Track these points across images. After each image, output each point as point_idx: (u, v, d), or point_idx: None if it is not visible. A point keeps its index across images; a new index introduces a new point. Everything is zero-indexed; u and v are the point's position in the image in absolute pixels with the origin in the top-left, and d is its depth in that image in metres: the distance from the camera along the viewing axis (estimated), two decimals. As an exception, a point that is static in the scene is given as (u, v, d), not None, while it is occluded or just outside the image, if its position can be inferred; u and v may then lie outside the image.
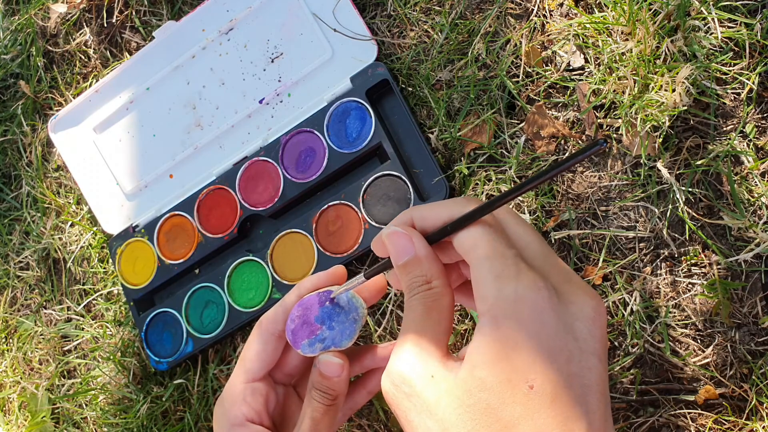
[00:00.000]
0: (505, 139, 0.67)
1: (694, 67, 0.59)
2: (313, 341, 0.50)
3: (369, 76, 0.71)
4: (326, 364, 0.50)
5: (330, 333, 0.50)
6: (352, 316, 0.50)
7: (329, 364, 0.50)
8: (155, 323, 0.78)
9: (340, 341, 0.50)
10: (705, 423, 0.59)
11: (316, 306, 0.50)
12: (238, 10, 0.77)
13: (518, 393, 0.34)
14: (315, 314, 0.50)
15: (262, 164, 0.76)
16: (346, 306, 0.50)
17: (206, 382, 0.76)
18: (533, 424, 0.34)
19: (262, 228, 0.77)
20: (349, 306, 0.50)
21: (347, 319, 0.50)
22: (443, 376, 0.36)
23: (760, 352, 0.58)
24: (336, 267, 0.54)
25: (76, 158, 0.85)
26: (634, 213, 0.63)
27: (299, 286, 0.53)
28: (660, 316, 0.61)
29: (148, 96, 0.82)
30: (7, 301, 0.91)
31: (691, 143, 0.61)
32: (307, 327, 0.50)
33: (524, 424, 0.34)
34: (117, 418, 0.79)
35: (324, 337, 0.50)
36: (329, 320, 0.50)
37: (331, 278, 0.53)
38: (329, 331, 0.50)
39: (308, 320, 0.50)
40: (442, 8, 0.71)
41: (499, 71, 0.67)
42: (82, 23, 0.89)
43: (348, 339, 0.50)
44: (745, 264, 0.59)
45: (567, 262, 0.64)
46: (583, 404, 0.34)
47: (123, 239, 0.81)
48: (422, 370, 0.37)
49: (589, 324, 0.36)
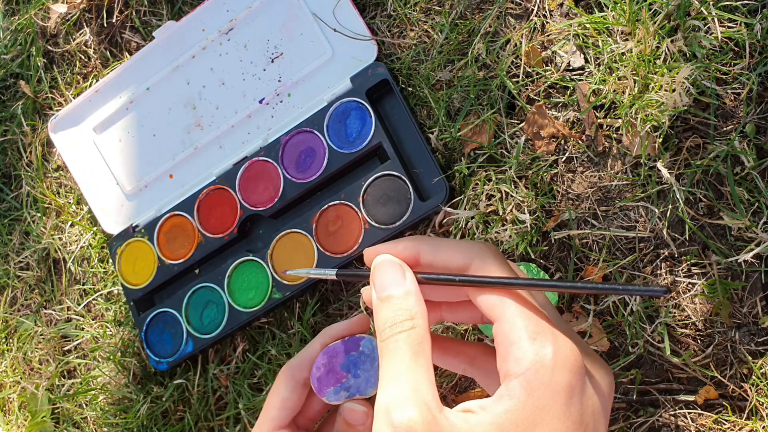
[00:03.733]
0: (505, 139, 0.67)
1: (694, 67, 0.59)
2: (338, 389, 0.51)
3: (369, 76, 0.71)
4: (351, 412, 0.50)
5: (356, 381, 0.50)
6: (377, 364, 0.50)
7: (354, 412, 0.50)
8: (155, 323, 0.78)
9: (366, 389, 0.50)
10: (705, 423, 0.59)
11: (341, 354, 0.51)
12: (238, 10, 0.77)
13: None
14: (341, 362, 0.51)
15: (262, 164, 0.76)
16: (371, 354, 0.51)
17: (206, 382, 0.76)
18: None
19: (262, 228, 0.77)
20: (375, 354, 0.51)
21: (372, 367, 0.50)
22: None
23: (760, 352, 0.58)
24: (360, 315, 0.54)
25: (76, 158, 0.85)
26: (634, 213, 0.63)
27: (323, 334, 0.54)
28: (660, 316, 0.61)
29: (148, 96, 0.82)
30: (7, 301, 0.91)
31: (691, 143, 0.61)
32: (333, 375, 0.51)
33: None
34: (117, 418, 0.79)
35: (349, 385, 0.50)
36: (355, 368, 0.50)
37: (356, 326, 0.54)
38: (355, 379, 0.50)
39: (334, 368, 0.51)
40: (442, 8, 0.71)
41: (499, 71, 0.67)
42: (82, 23, 0.89)
43: (373, 387, 0.50)
44: (745, 264, 0.59)
45: (567, 262, 0.64)
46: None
47: (123, 239, 0.81)
48: (432, 423, 0.34)
49: (604, 401, 0.36)
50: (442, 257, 0.39)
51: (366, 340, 0.51)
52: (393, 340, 0.37)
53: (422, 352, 0.37)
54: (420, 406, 0.34)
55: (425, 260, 0.40)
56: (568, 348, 0.35)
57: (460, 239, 0.41)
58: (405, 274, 0.39)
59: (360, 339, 0.51)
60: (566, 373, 0.34)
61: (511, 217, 0.65)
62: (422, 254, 0.40)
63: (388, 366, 0.37)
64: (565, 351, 0.34)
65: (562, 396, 0.34)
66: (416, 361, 0.36)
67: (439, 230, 0.69)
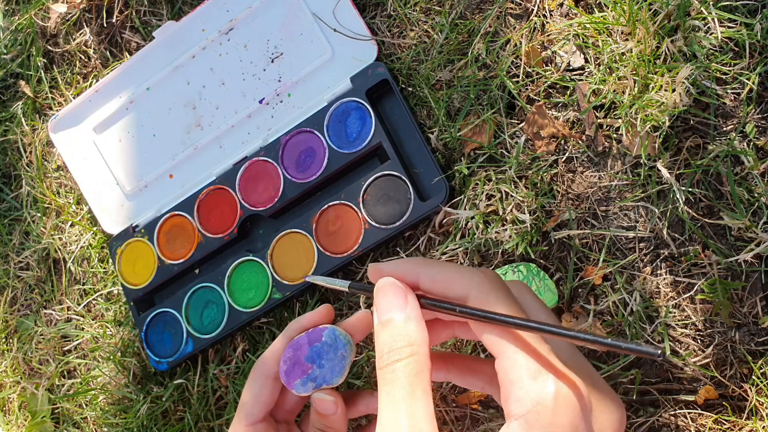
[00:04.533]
0: (505, 139, 0.67)
1: (694, 67, 0.59)
2: (305, 380, 0.53)
3: (369, 76, 0.71)
4: (320, 402, 0.52)
5: (321, 371, 0.52)
6: (341, 353, 0.52)
7: (323, 402, 0.51)
8: (155, 323, 0.78)
9: (331, 378, 0.52)
10: (705, 423, 0.59)
11: (305, 346, 0.53)
12: (238, 10, 0.77)
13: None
14: (305, 354, 0.53)
15: (262, 164, 0.76)
16: (334, 343, 0.52)
17: (206, 382, 0.76)
18: None
19: (262, 228, 0.77)
20: (337, 343, 0.52)
21: (336, 356, 0.52)
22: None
23: (760, 352, 0.58)
24: (323, 306, 0.56)
25: (76, 158, 0.85)
26: (634, 213, 0.63)
27: (289, 328, 0.55)
28: (660, 316, 0.61)
29: (148, 96, 0.82)
30: (7, 301, 0.91)
31: (691, 143, 0.61)
32: (299, 367, 0.53)
33: None
34: (117, 418, 0.79)
35: (315, 375, 0.52)
36: (319, 359, 0.52)
37: (319, 317, 0.55)
38: (320, 369, 0.52)
39: (299, 360, 0.53)
40: (442, 8, 0.71)
41: (499, 71, 0.67)
42: (82, 23, 0.89)
43: (338, 375, 0.52)
44: (745, 264, 0.58)
45: (567, 262, 0.64)
46: None
47: (123, 239, 0.81)
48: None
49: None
50: (440, 286, 0.38)
51: (328, 330, 0.52)
52: (390, 370, 0.37)
53: (420, 383, 0.36)
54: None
55: (424, 286, 0.39)
56: (571, 387, 0.34)
57: (461, 265, 0.40)
58: (407, 298, 0.38)
59: (322, 330, 0.53)
60: (569, 412, 0.33)
61: (511, 217, 0.65)
62: (421, 279, 0.39)
63: (386, 398, 0.36)
64: (568, 390, 0.33)
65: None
66: (413, 394, 0.36)
67: (439, 230, 0.69)
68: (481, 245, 0.66)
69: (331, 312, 0.56)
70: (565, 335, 0.33)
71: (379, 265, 0.41)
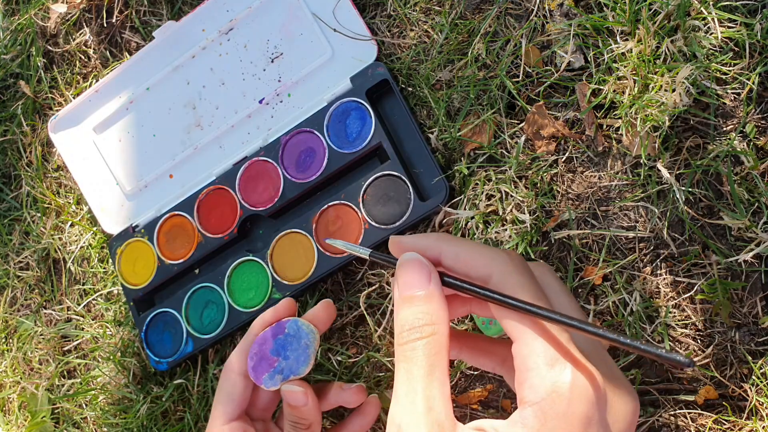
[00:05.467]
0: (505, 139, 0.67)
1: (694, 67, 0.59)
2: (272, 374, 0.53)
3: (369, 76, 0.71)
4: (290, 393, 0.52)
5: (287, 363, 0.53)
6: (304, 342, 0.53)
7: (293, 393, 0.52)
8: (155, 323, 0.78)
9: (297, 368, 0.53)
10: (705, 423, 0.59)
11: (269, 340, 0.54)
12: (238, 10, 0.77)
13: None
14: (270, 348, 0.53)
15: (262, 164, 0.76)
16: (297, 334, 0.53)
17: (206, 382, 0.76)
18: None
19: (262, 228, 0.77)
20: (300, 333, 0.53)
21: (300, 346, 0.53)
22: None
23: (760, 352, 0.58)
24: (285, 300, 0.56)
25: (76, 158, 0.85)
26: (634, 213, 0.63)
27: (253, 326, 0.55)
28: (660, 316, 0.61)
29: (148, 96, 0.82)
30: (7, 301, 0.91)
31: (691, 143, 0.61)
32: (265, 361, 0.53)
33: None
34: (117, 418, 0.79)
35: (282, 367, 0.53)
36: (284, 350, 0.53)
37: (281, 312, 0.55)
38: (285, 361, 0.53)
39: (265, 355, 0.53)
40: (442, 8, 0.71)
41: (499, 71, 0.67)
42: (82, 23, 0.89)
43: (304, 365, 0.53)
44: (745, 264, 0.58)
45: (567, 262, 0.64)
46: None
47: (123, 239, 0.81)
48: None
49: (625, 427, 0.35)
50: (463, 264, 0.38)
51: (290, 322, 0.53)
52: (411, 347, 0.36)
53: (439, 363, 0.36)
54: (432, 427, 0.34)
55: (446, 263, 0.38)
56: (587, 376, 0.33)
57: (485, 245, 0.39)
58: (431, 276, 0.37)
59: (285, 322, 0.53)
60: (584, 403, 0.33)
61: (511, 217, 0.65)
62: (443, 257, 0.38)
63: (404, 376, 0.36)
64: (584, 380, 0.33)
65: (578, 427, 0.33)
66: (432, 374, 0.35)
67: (439, 230, 0.69)
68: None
69: (293, 305, 0.56)
70: (589, 332, 0.33)
71: (401, 238, 0.40)
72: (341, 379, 0.70)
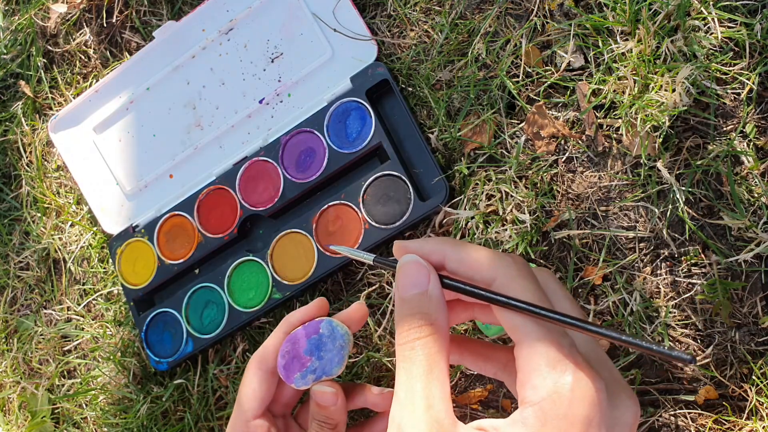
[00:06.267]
0: (505, 139, 0.67)
1: (694, 67, 0.59)
2: (305, 374, 0.53)
3: (369, 76, 0.71)
4: (320, 394, 0.52)
5: (320, 363, 0.52)
6: (339, 343, 0.53)
7: (323, 393, 0.52)
8: (155, 323, 0.78)
9: (330, 369, 0.53)
10: (705, 423, 0.59)
11: (303, 339, 0.53)
12: (238, 10, 0.77)
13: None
14: (303, 347, 0.53)
15: (262, 164, 0.76)
16: (332, 335, 0.53)
17: (206, 382, 0.76)
18: None
19: (262, 228, 0.77)
20: (335, 334, 0.53)
21: (334, 347, 0.52)
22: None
23: (760, 352, 0.58)
24: (319, 299, 0.56)
25: (76, 158, 0.85)
26: (634, 213, 0.63)
27: (285, 321, 0.55)
28: (660, 316, 0.61)
29: (148, 96, 0.82)
30: (7, 301, 0.91)
31: (691, 143, 0.61)
32: (298, 361, 0.53)
33: None
34: (117, 418, 0.79)
35: (315, 368, 0.52)
36: (317, 351, 0.52)
37: (315, 310, 0.55)
38: (319, 361, 0.52)
39: (298, 354, 0.53)
40: (442, 8, 0.71)
41: (499, 71, 0.67)
42: (82, 23, 0.89)
43: (338, 366, 0.53)
44: (745, 264, 0.59)
45: (567, 262, 0.64)
46: None
47: (123, 239, 0.81)
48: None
49: (626, 430, 0.36)
50: (467, 268, 0.38)
51: (325, 322, 0.53)
52: (410, 347, 0.36)
53: (438, 363, 0.36)
54: (432, 425, 0.34)
55: (450, 267, 0.39)
56: (588, 379, 0.34)
57: (489, 249, 0.39)
58: (430, 277, 0.38)
59: (319, 322, 0.53)
60: (584, 405, 0.33)
61: (511, 217, 0.65)
62: (447, 260, 0.39)
63: (404, 376, 0.36)
64: (585, 382, 0.33)
65: (578, 428, 0.33)
66: (431, 374, 0.36)
67: (439, 230, 0.69)
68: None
69: (326, 305, 0.56)
70: (592, 331, 0.33)
71: (405, 242, 0.40)
72: (341, 378, 0.70)
